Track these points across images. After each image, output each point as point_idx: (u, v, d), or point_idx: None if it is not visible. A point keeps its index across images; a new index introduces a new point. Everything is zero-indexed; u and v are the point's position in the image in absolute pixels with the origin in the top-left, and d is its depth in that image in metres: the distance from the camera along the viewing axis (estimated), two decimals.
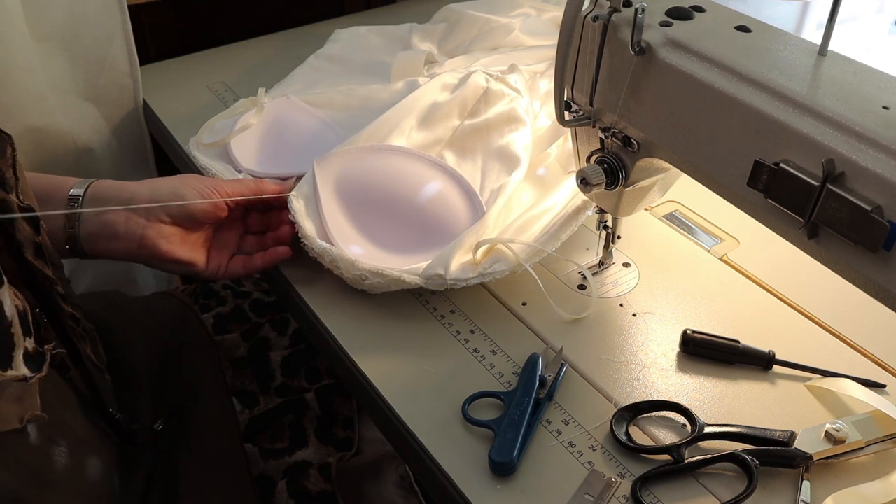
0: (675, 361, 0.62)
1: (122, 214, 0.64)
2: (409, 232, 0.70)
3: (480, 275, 0.64)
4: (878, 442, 0.54)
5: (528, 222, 0.69)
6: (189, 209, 0.65)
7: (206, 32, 1.06)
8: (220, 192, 0.66)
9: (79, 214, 0.63)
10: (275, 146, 0.80)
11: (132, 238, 0.64)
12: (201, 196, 0.65)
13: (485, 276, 0.64)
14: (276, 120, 0.83)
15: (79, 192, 0.64)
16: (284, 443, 0.73)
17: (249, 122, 0.82)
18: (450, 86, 0.83)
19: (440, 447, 0.55)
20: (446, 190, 0.73)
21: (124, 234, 0.64)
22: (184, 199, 0.65)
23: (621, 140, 0.58)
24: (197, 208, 0.65)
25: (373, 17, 1.16)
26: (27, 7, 0.79)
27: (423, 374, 0.60)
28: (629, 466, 0.54)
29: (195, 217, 0.66)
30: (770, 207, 0.48)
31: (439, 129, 0.79)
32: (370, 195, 0.71)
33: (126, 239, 0.64)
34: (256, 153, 0.79)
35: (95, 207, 0.64)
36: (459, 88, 0.81)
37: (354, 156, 0.74)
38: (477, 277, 0.64)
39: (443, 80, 0.83)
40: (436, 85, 0.82)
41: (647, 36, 0.53)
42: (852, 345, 0.64)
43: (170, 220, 0.65)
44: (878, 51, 1.75)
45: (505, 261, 0.65)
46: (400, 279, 0.63)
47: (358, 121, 0.80)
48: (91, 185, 0.65)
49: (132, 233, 0.64)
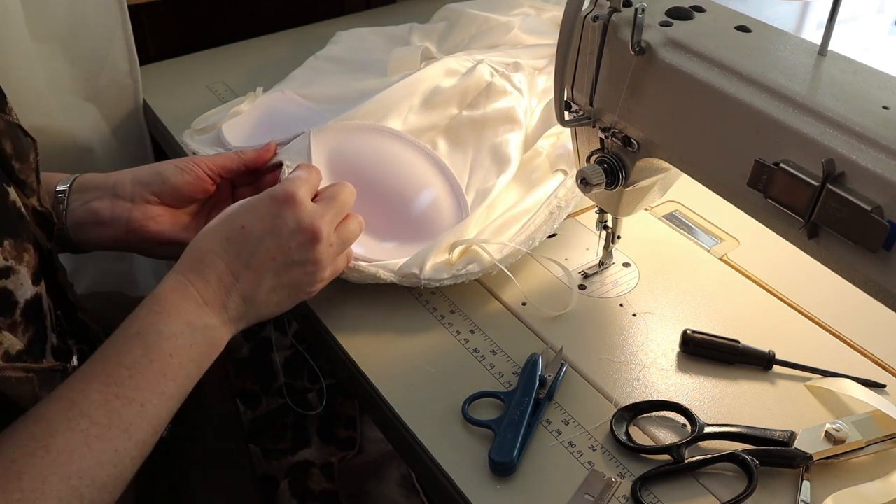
0: (675, 361, 0.62)
1: (108, 200, 0.63)
2: (391, 222, 0.70)
3: (454, 276, 0.64)
4: (878, 442, 0.54)
5: (506, 223, 0.69)
6: (173, 184, 0.64)
7: (206, 32, 1.06)
8: (199, 164, 0.66)
9: (66, 207, 0.63)
10: (266, 129, 0.80)
11: (119, 223, 0.63)
12: (181, 170, 0.64)
13: (458, 277, 0.65)
14: (268, 108, 0.84)
15: (64, 187, 0.64)
16: (287, 443, 0.73)
17: (241, 108, 0.83)
18: (454, 72, 0.83)
19: (440, 447, 0.55)
20: (435, 186, 0.73)
21: (111, 219, 0.63)
22: (164, 176, 0.64)
23: (621, 140, 0.58)
24: (181, 181, 0.64)
25: (373, 17, 1.16)
26: (27, 7, 0.79)
27: (423, 374, 0.60)
28: (629, 466, 0.54)
29: (181, 191, 0.65)
30: (770, 207, 0.48)
31: (436, 115, 0.79)
32: (361, 177, 0.71)
33: (113, 224, 0.63)
34: (247, 135, 0.79)
35: (80, 195, 0.64)
36: (463, 77, 0.81)
37: (351, 132, 0.73)
38: (450, 278, 0.64)
39: (448, 65, 0.83)
40: (440, 68, 0.82)
41: (647, 36, 0.53)
42: (852, 345, 0.64)
43: (155, 199, 0.64)
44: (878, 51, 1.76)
45: (479, 262, 0.65)
46: (375, 275, 0.64)
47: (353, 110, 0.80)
48: (76, 178, 0.65)
49: (118, 217, 0.63)
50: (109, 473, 0.44)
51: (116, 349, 0.49)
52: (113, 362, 0.48)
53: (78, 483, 0.42)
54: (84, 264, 0.94)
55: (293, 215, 0.55)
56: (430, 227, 0.69)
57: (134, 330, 0.50)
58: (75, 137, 0.89)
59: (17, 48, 0.79)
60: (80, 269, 0.96)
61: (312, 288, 0.58)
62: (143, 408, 0.47)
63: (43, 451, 0.42)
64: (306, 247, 0.56)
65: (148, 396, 0.47)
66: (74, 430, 0.43)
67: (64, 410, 0.44)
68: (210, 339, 0.52)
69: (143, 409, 0.47)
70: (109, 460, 0.44)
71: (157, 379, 0.48)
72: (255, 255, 0.54)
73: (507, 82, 0.82)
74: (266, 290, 0.55)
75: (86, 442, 0.43)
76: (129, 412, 0.46)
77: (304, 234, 0.55)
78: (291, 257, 0.55)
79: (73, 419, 0.44)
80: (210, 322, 0.52)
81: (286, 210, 0.55)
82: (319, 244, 0.56)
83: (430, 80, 0.80)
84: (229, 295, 0.53)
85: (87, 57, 0.86)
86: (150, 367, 0.48)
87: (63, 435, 0.43)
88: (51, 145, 0.87)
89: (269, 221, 0.55)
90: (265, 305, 0.55)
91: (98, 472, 0.43)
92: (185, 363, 0.50)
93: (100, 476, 0.43)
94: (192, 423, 0.68)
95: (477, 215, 0.69)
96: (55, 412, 0.44)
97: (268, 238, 0.55)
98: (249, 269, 0.54)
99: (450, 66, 0.83)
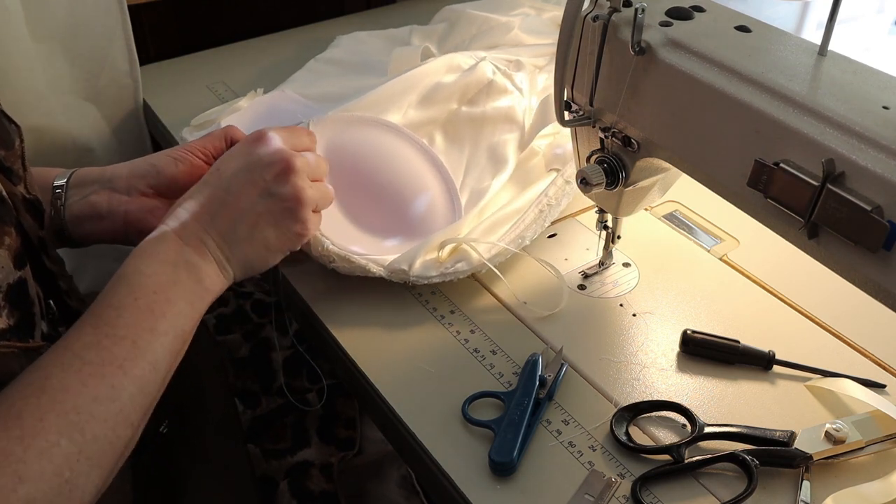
0: (675, 361, 0.62)
1: (105, 194, 0.63)
2: (385, 216, 0.70)
3: (442, 274, 0.65)
4: (878, 442, 0.54)
5: (497, 222, 0.69)
6: (168, 175, 0.64)
7: (206, 32, 1.06)
8: (191, 150, 0.66)
9: (64, 202, 0.63)
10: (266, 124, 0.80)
11: (116, 216, 0.63)
12: (175, 160, 0.64)
13: (446, 275, 0.65)
14: (269, 104, 0.84)
15: (62, 182, 0.64)
16: (286, 443, 0.73)
17: (241, 105, 0.83)
18: (457, 67, 0.83)
19: (440, 447, 0.55)
20: (431, 185, 0.73)
21: (108, 213, 0.63)
22: (159, 168, 0.64)
23: (621, 140, 0.58)
24: (176, 171, 0.64)
25: (372, 17, 1.16)
26: (27, 7, 0.79)
27: (423, 374, 0.60)
28: (629, 466, 0.54)
29: (177, 182, 0.64)
30: (770, 207, 0.48)
31: (436, 109, 0.79)
32: (358, 169, 0.71)
33: (110, 218, 0.63)
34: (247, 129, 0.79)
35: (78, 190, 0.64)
36: (465, 73, 0.81)
37: (350, 124, 0.73)
38: (439, 276, 0.65)
39: (451, 61, 0.83)
40: (443, 64, 0.82)
41: (647, 36, 0.53)
42: (852, 345, 0.64)
43: (152, 191, 0.64)
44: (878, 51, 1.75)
45: (468, 260, 0.65)
46: (365, 267, 0.64)
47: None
48: (73, 173, 0.65)
49: (115, 211, 0.63)
50: (108, 408, 0.45)
51: (103, 295, 0.50)
52: (101, 305, 0.49)
53: (76, 418, 0.43)
54: (85, 263, 0.94)
55: (265, 149, 0.57)
56: (422, 226, 0.70)
57: (118, 275, 0.51)
58: (75, 137, 0.89)
59: (17, 48, 0.79)
60: (81, 269, 0.96)
61: (296, 227, 0.58)
62: (135, 344, 0.47)
63: (39, 391, 0.43)
64: (282, 178, 0.56)
65: (138, 332, 0.48)
66: (68, 370, 0.45)
67: (58, 356, 0.46)
68: (196, 276, 0.53)
69: (135, 345, 0.47)
70: (106, 395, 0.45)
71: (145, 316, 0.49)
72: (230, 191, 0.56)
73: (508, 81, 0.82)
74: (247, 227, 0.56)
75: (80, 380, 0.44)
76: (121, 349, 0.47)
77: (278, 165, 0.56)
78: (268, 189, 0.56)
79: (67, 362, 0.45)
80: (191, 259, 0.53)
81: (258, 146, 0.57)
82: (295, 175, 0.57)
83: (433, 75, 0.80)
84: (207, 232, 0.55)
85: (87, 57, 0.86)
86: (136, 305, 0.49)
87: (57, 377, 0.44)
88: (51, 145, 0.87)
89: (243, 159, 0.57)
90: (249, 245, 0.56)
91: (96, 407, 0.44)
92: (173, 299, 0.51)
93: (98, 410, 0.44)
94: (192, 422, 0.68)
95: (469, 218, 0.69)
96: (50, 359, 0.45)
97: (241, 173, 0.56)
98: (226, 206, 0.55)
99: (453, 61, 0.83)
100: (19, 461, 0.40)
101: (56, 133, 0.87)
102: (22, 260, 0.50)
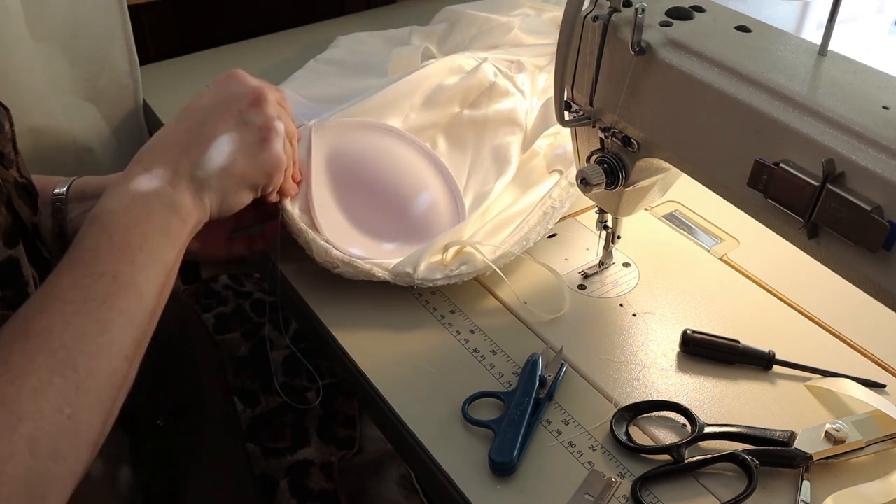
0: (675, 361, 0.62)
1: None
2: (388, 220, 0.70)
3: (447, 276, 0.65)
4: (878, 442, 0.54)
5: (500, 224, 0.69)
6: None
7: (206, 32, 1.06)
8: None
9: (65, 214, 0.63)
10: None
11: None
12: None
13: (451, 277, 0.65)
14: None
15: (62, 191, 0.64)
16: (286, 442, 0.73)
17: None
18: (459, 69, 0.83)
19: (440, 447, 0.55)
20: (434, 187, 0.73)
21: None
22: None
23: (621, 140, 0.58)
24: None
25: (372, 17, 1.16)
26: (27, 7, 0.79)
27: (423, 374, 0.60)
28: (629, 466, 0.54)
29: None
30: (770, 207, 0.48)
31: (438, 112, 0.79)
32: (361, 173, 0.71)
33: None
34: None
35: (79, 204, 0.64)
36: (466, 76, 0.81)
37: (352, 129, 0.73)
38: (443, 279, 0.65)
39: (452, 62, 0.83)
40: (444, 66, 0.82)
41: (647, 36, 0.53)
42: (852, 345, 0.64)
43: None
44: (878, 51, 1.76)
45: (472, 263, 0.66)
46: (370, 272, 0.64)
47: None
48: (73, 182, 0.65)
49: None
50: (97, 342, 0.45)
51: (78, 239, 0.50)
52: (76, 249, 0.49)
53: (65, 355, 0.43)
54: None
55: (237, 83, 0.61)
56: (427, 229, 0.70)
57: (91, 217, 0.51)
58: (75, 137, 0.89)
59: (17, 48, 0.79)
60: None
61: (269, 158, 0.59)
62: (115, 279, 0.47)
63: (24, 337, 0.43)
64: (255, 107, 0.59)
65: (118, 267, 0.48)
66: (50, 313, 0.44)
67: (39, 302, 0.45)
68: (171, 206, 0.53)
69: (115, 279, 0.47)
70: (94, 329, 0.45)
71: (122, 250, 0.49)
72: (205, 123, 0.57)
73: (510, 83, 0.82)
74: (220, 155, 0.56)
75: (63, 319, 0.44)
76: (102, 285, 0.47)
77: (251, 95, 0.59)
78: (242, 117, 0.58)
79: (48, 305, 0.45)
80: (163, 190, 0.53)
81: (230, 82, 0.61)
82: (268, 104, 0.59)
83: (434, 77, 0.80)
84: (180, 162, 0.55)
85: (87, 57, 0.86)
86: (111, 241, 0.49)
87: (40, 321, 0.44)
88: (51, 145, 0.87)
89: (216, 94, 0.60)
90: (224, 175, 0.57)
91: (84, 342, 0.44)
92: (148, 231, 0.51)
93: (87, 345, 0.44)
94: (191, 421, 0.68)
95: (472, 220, 0.69)
96: (31, 306, 0.45)
97: (216, 106, 0.59)
98: (201, 136, 0.57)
99: (454, 63, 0.82)
100: (14, 401, 0.40)
101: (56, 133, 0.87)
102: (14, 239, 0.50)
